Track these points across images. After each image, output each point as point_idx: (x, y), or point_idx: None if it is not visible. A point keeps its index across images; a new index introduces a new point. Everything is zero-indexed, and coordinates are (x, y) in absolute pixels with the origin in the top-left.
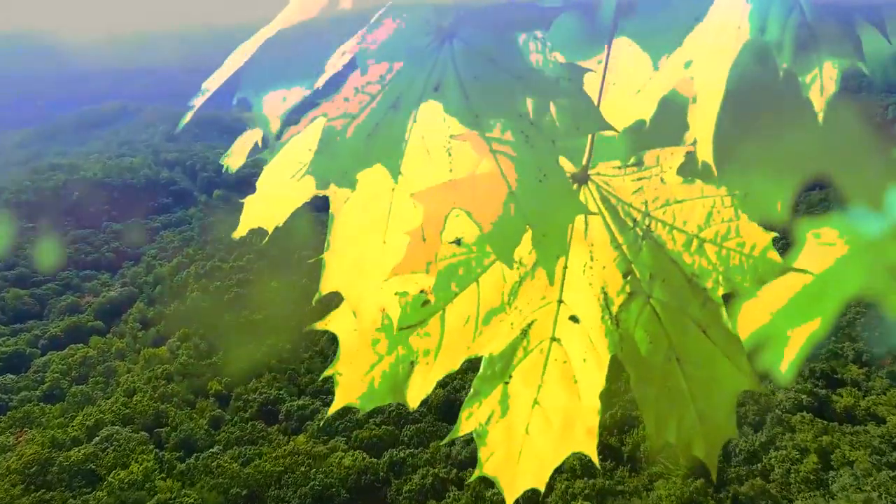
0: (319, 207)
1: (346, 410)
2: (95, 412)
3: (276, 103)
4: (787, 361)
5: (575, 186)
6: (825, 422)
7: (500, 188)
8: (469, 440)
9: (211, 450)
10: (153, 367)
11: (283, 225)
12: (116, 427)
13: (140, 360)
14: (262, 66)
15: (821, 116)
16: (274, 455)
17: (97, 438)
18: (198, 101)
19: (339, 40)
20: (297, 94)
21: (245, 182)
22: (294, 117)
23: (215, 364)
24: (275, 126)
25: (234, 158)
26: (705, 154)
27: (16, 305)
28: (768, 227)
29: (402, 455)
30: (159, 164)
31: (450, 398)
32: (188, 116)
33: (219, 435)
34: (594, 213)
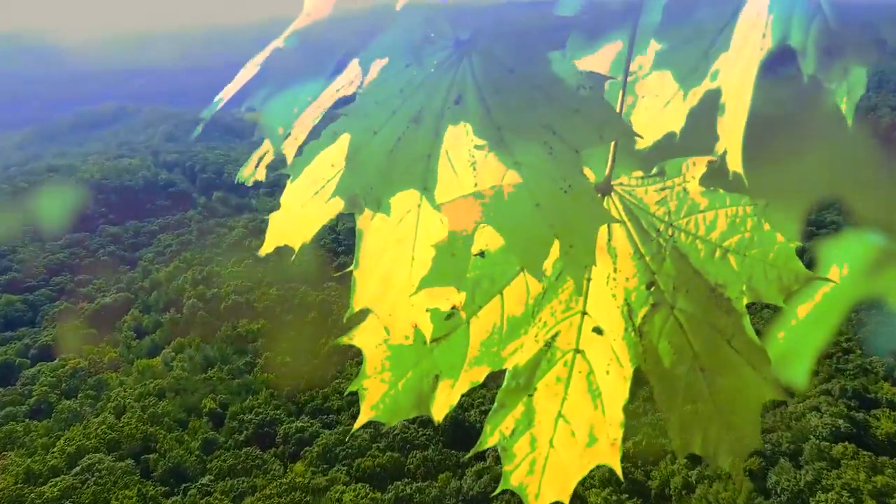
0: None
1: (347, 433)
2: (80, 435)
3: (284, 112)
4: (801, 365)
5: (599, 197)
6: (871, 454)
7: (525, 200)
8: (481, 472)
9: (201, 480)
10: (146, 382)
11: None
12: (100, 455)
13: (133, 371)
14: (269, 74)
15: (850, 120)
16: (268, 491)
17: (77, 468)
18: (208, 113)
19: (349, 45)
20: (305, 104)
21: (244, 184)
22: (315, 131)
23: (210, 379)
24: (290, 145)
25: (249, 170)
26: (735, 164)
27: (7, 312)
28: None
29: (408, 490)
30: (158, 165)
31: (457, 418)
32: (200, 128)
33: (211, 462)
34: (619, 222)
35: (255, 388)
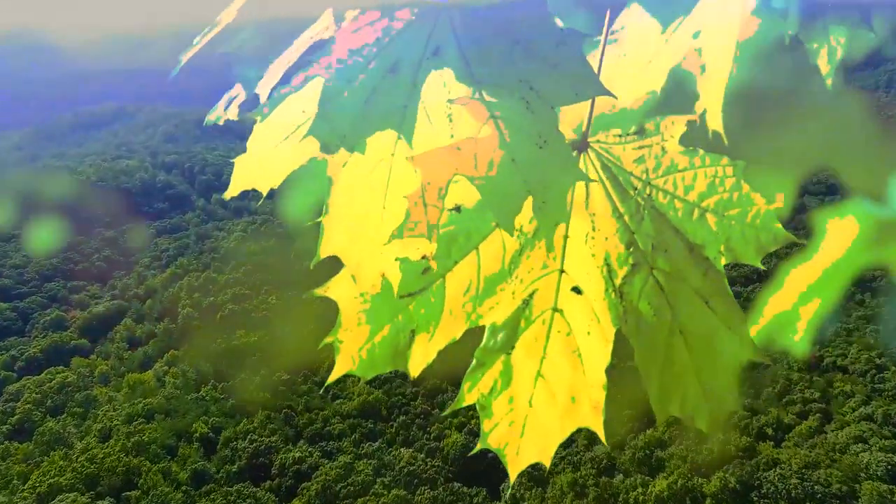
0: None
1: (350, 466)
2: (56, 468)
3: (261, 62)
4: (800, 333)
5: (574, 154)
6: None
7: (501, 154)
8: None
9: None
10: (135, 401)
11: (273, 190)
12: (74, 494)
13: (124, 386)
14: (247, 22)
15: (829, 82)
16: None
17: None
18: (186, 56)
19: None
20: (281, 52)
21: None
22: (286, 76)
23: (203, 399)
24: (263, 88)
25: (218, 112)
26: (715, 123)
27: None
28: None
29: None
30: (157, 166)
31: (470, 445)
32: (178, 68)
33: (199, 501)
34: (593, 181)
35: (250, 409)
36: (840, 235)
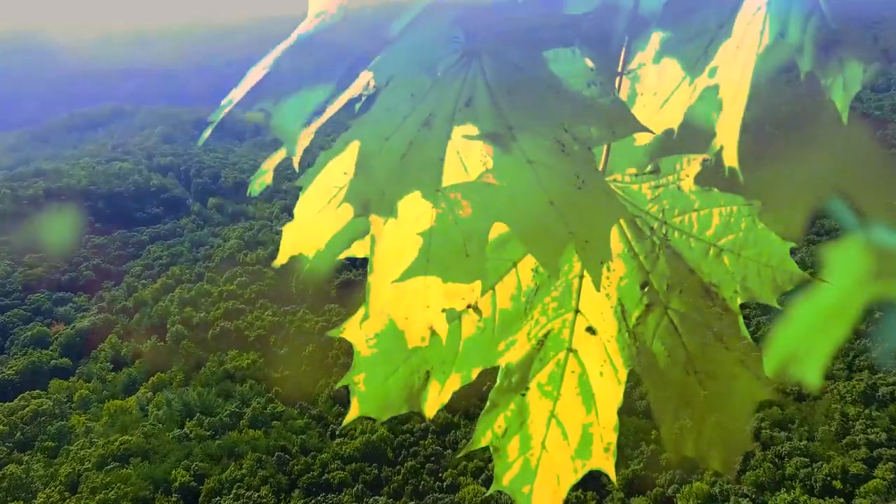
0: None
1: None
2: None
3: (296, 115)
4: (817, 370)
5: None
6: None
7: (538, 198)
8: None
9: None
10: (111, 438)
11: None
12: None
13: (104, 414)
14: (280, 76)
15: (844, 116)
16: None
17: None
18: (217, 116)
19: (359, 48)
20: (316, 105)
21: (242, 188)
22: (328, 140)
23: (187, 438)
24: (300, 143)
25: (263, 179)
26: (731, 160)
27: None
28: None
29: None
30: (152, 168)
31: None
32: (208, 132)
33: None
34: (636, 216)
35: (239, 450)
36: (848, 268)
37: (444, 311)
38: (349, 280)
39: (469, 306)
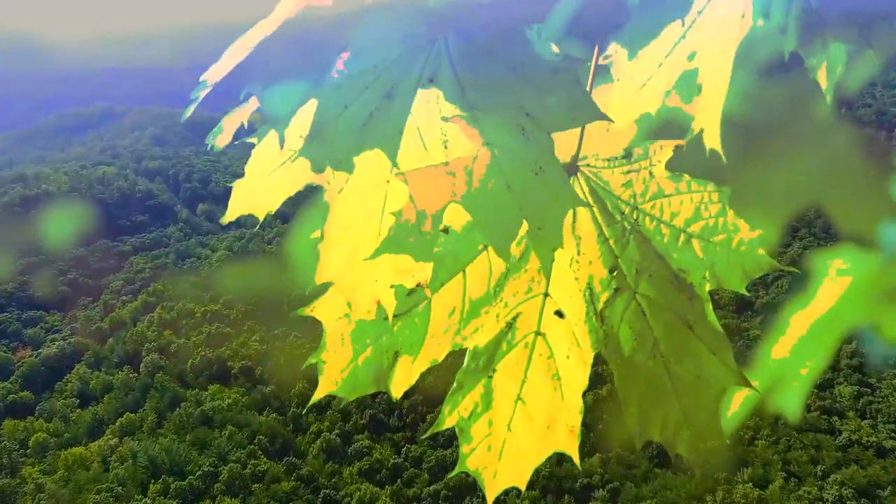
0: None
1: None
2: None
3: (286, 99)
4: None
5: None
6: None
7: (495, 180)
8: None
9: None
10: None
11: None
12: None
13: (60, 466)
14: (269, 61)
15: (829, 97)
16: None
17: None
18: (201, 94)
19: (342, 33)
20: (304, 92)
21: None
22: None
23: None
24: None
25: (222, 138)
26: (713, 142)
27: None
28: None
29: None
30: (139, 173)
31: None
32: (191, 109)
33: None
34: (588, 205)
35: None
36: (833, 285)
37: (392, 286)
38: None
39: (419, 284)
